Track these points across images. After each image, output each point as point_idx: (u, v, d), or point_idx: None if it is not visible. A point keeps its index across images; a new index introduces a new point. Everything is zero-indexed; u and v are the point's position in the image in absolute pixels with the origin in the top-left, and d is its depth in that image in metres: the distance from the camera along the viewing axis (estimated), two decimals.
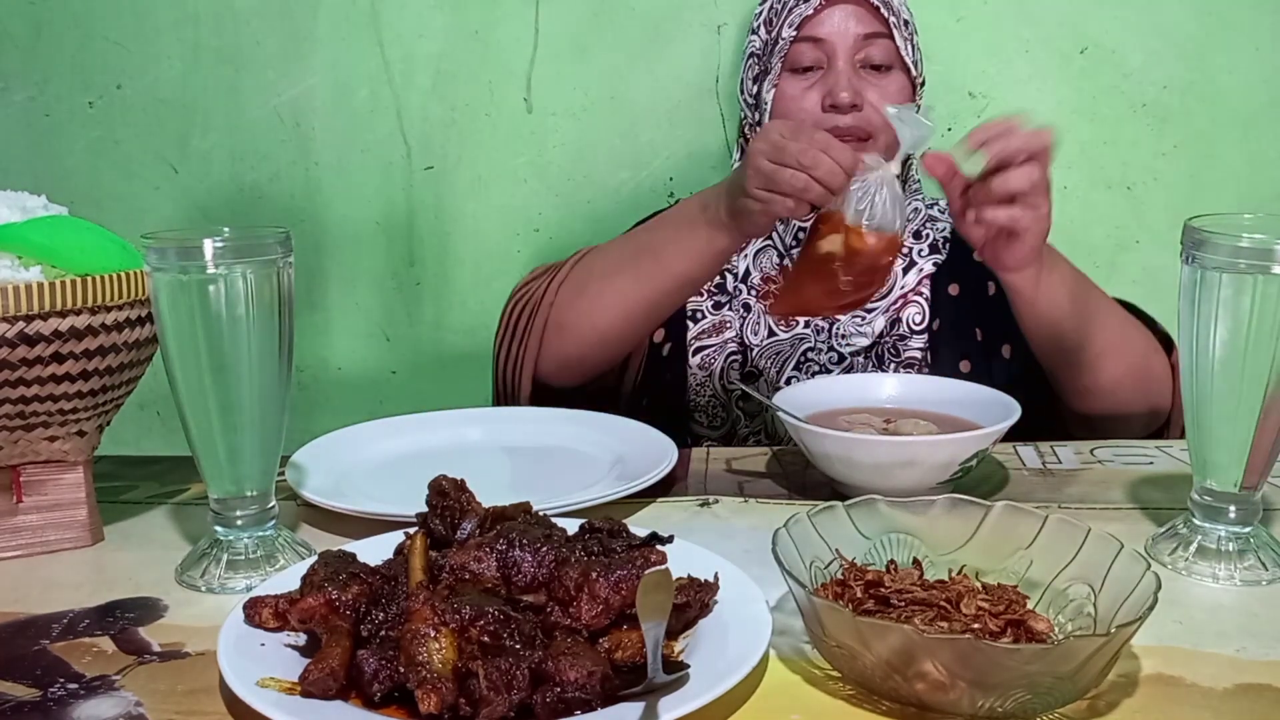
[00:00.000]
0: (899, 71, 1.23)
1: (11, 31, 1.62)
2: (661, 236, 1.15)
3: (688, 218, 1.13)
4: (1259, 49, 1.50)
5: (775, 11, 1.25)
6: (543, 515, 0.74)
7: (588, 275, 1.20)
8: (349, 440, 1.08)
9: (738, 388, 1.28)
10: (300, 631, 0.67)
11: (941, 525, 0.75)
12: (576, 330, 1.19)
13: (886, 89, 1.22)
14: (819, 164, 0.97)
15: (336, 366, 1.69)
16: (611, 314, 1.17)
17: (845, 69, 1.20)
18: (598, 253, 1.22)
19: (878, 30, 1.21)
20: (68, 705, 0.66)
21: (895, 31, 1.21)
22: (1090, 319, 1.09)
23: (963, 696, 0.60)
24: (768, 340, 1.28)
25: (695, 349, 1.30)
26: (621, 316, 1.17)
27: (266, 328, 0.79)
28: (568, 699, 0.59)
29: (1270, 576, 0.79)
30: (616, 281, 1.17)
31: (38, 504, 0.88)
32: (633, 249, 1.19)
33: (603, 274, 1.18)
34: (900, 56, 1.22)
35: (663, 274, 1.14)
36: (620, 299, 1.17)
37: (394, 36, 1.58)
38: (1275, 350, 0.75)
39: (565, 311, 1.19)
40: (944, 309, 1.27)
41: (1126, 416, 1.16)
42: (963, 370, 1.24)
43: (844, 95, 1.19)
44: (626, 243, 1.21)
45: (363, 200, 1.63)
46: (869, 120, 1.21)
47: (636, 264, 1.16)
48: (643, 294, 1.16)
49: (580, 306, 1.18)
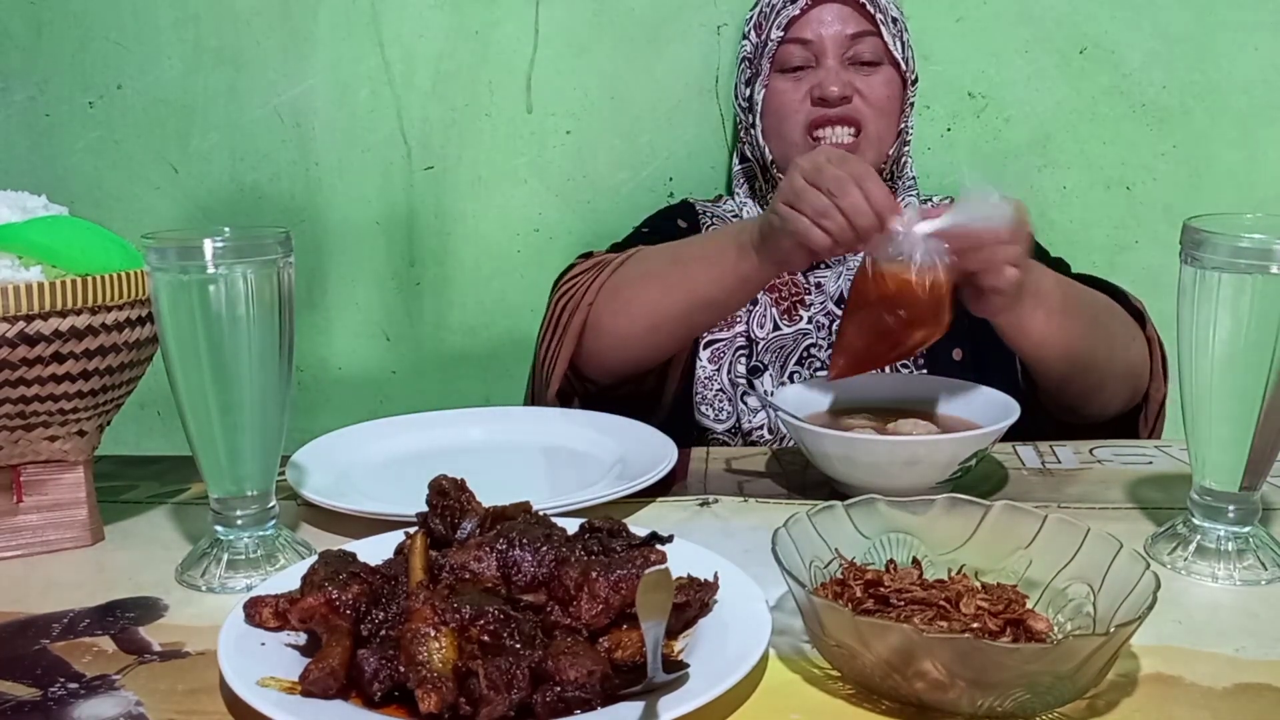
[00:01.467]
0: (889, 66, 1.23)
1: (11, 31, 1.62)
2: (696, 252, 1.13)
3: (724, 238, 1.10)
4: (1259, 49, 1.50)
5: (764, 14, 1.26)
6: (543, 515, 0.74)
7: (625, 280, 1.17)
8: (349, 440, 1.08)
9: (743, 382, 1.28)
10: (300, 631, 0.67)
11: (941, 525, 0.75)
12: (608, 334, 1.17)
13: (874, 83, 1.22)
14: (846, 192, 0.93)
15: (336, 366, 1.69)
16: (640, 324, 1.15)
17: (834, 65, 1.21)
18: (641, 257, 1.19)
19: (865, 29, 1.21)
20: (68, 705, 0.66)
21: (883, 28, 1.21)
22: (1084, 350, 1.07)
23: (962, 696, 0.60)
24: (773, 334, 1.28)
25: (707, 342, 1.30)
26: (648, 328, 1.15)
27: (267, 328, 0.79)
28: (568, 698, 0.59)
29: (1269, 576, 0.79)
30: (648, 291, 1.14)
31: (38, 504, 0.88)
32: (669, 260, 1.16)
33: (638, 280, 1.16)
34: (889, 52, 1.22)
35: (689, 292, 1.11)
36: (648, 310, 1.14)
37: (394, 36, 1.58)
38: (1274, 350, 0.75)
39: (601, 313, 1.17)
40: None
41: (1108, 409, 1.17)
42: (955, 358, 1.25)
43: (833, 89, 1.19)
44: (666, 252, 1.18)
45: (363, 200, 1.63)
46: (858, 110, 1.21)
47: (668, 277, 1.13)
48: (669, 309, 1.13)
49: (614, 309, 1.16)
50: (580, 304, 1.18)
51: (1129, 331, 1.14)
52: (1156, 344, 1.16)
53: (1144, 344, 1.15)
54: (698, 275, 1.10)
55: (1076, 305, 1.07)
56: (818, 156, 0.97)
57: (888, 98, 1.25)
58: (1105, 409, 1.16)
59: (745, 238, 1.05)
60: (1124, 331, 1.13)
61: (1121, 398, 1.15)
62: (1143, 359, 1.15)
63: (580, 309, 1.18)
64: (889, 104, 1.25)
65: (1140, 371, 1.15)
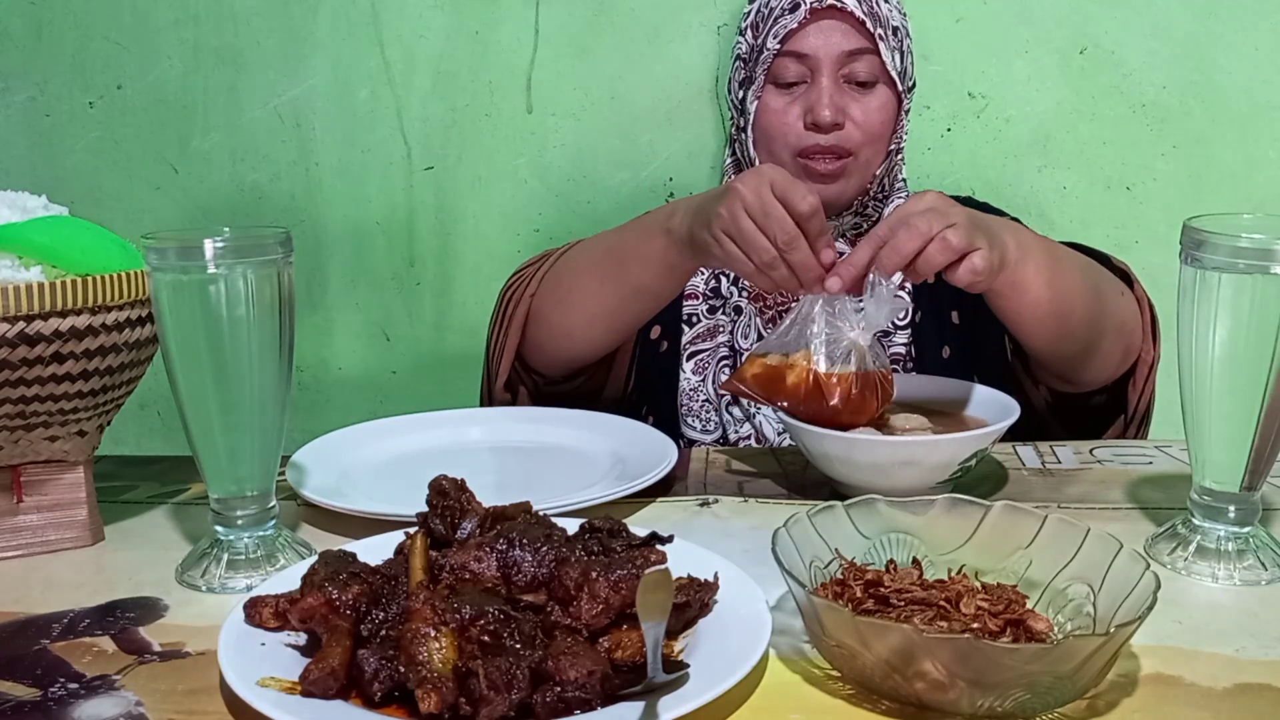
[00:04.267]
0: (884, 86, 1.22)
1: (11, 31, 1.62)
2: (628, 240, 1.12)
3: (654, 225, 1.08)
4: (1259, 49, 1.50)
5: (761, 17, 1.24)
6: (543, 515, 0.74)
7: (564, 269, 1.17)
8: (349, 440, 1.08)
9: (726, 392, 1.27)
10: (300, 631, 0.67)
11: (941, 525, 0.75)
12: (550, 324, 1.17)
13: (869, 106, 1.21)
14: (794, 248, 0.92)
15: (337, 366, 1.69)
16: (578, 314, 1.15)
17: (829, 85, 1.19)
18: (580, 248, 1.19)
19: (863, 46, 1.19)
20: (68, 705, 0.66)
21: (881, 44, 1.19)
22: (1079, 300, 1.05)
23: (962, 696, 0.60)
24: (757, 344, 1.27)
25: (690, 353, 1.29)
26: (586, 319, 1.15)
27: (267, 328, 0.79)
28: (568, 699, 0.59)
29: (1269, 576, 0.79)
30: (585, 281, 1.14)
31: (38, 504, 0.88)
32: (603, 250, 1.15)
33: (576, 270, 1.16)
34: (886, 71, 1.21)
35: (623, 280, 1.11)
36: (586, 300, 1.14)
37: (394, 36, 1.58)
38: (1274, 350, 0.75)
39: (542, 303, 1.17)
40: (923, 299, 1.27)
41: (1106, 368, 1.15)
42: (943, 356, 1.24)
43: (825, 114, 1.18)
44: (600, 241, 1.17)
45: (363, 200, 1.63)
46: (849, 138, 1.20)
47: (603, 266, 1.13)
48: (606, 298, 1.13)
49: (555, 300, 1.16)
50: (524, 295, 1.19)
51: (1116, 286, 1.13)
52: (1146, 304, 1.14)
53: (1133, 301, 1.14)
54: (632, 265, 1.09)
55: (1064, 257, 1.06)
56: (763, 189, 0.93)
57: (881, 122, 1.22)
58: (1100, 372, 1.14)
59: (676, 227, 1.04)
60: (1111, 285, 1.12)
61: (1115, 358, 1.13)
62: (1134, 314, 1.13)
63: (524, 300, 1.18)
64: (882, 128, 1.22)
65: (1132, 327, 1.13)
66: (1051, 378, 1.17)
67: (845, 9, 1.18)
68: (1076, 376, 1.15)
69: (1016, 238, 0.98)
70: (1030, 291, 1.01)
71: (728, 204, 0.94)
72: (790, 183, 0.93)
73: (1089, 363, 1.13)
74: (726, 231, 0.95)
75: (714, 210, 0.96)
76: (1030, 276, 1.00)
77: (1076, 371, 1.14)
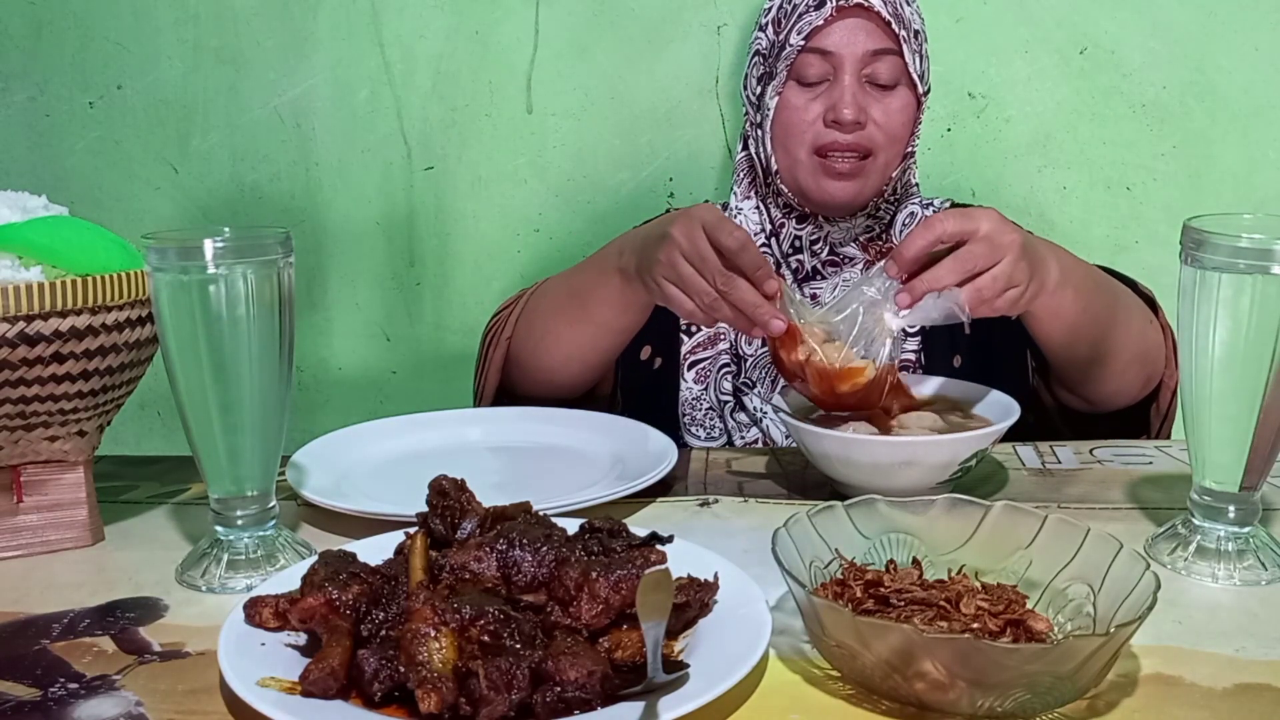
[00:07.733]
0: (905, 88, 1.21)
1: (11, 31, 1.62)
2: (586, 280, 1.13)
3: (608, 265, 1.10)
4: (1259, 49, 1.50)
5: (784, 13, 1.23)
6: (543, 515, 0.74)
7: (534, 314, 1.19)
8: (349, 440, 1.08)
9: (731, 399, 1.27)
10: (300, 631, 0.67)
11: (941, 525, 0.75)
12: (528, 366, 1.20)
13: (890, 107, 1.21)
14: (733, 287, 0.93)
15: (336, 366, 1.69)
16: (554, 355, 1.17)
17: (851, 84, 1.19)
18: (543, 292, 1.21)
19: (887, 46, 1.18)
20: (68, 705, 0.66)
21: (905, 45, 1.19)
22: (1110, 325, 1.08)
23: (962, 696, 0.60)
24: (761, 350, 1.27)
25: (691, 363, 1.29)
26: (563, 359, 1.17)
27: (267, 328, 0.79)
28: (568, 699, 0.59)
29: (1269, 576, 0.79)
30: (554, 324, 1.16)
31: (38, 504, 0.88)
32: (566, 291, 1.17)
33: (545, 313, 1.18)
34: (908, 73, 1.21)
35: (588, 320, 1.13)
36: (560, 341, 1.16)
37: (394, 36, 1.58)
38: (1274, 350, 0.75)
39: (519, 348, 1.20)
40: None
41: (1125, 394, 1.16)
42: (955, 365, 1.24)
43: (847, 112, 1.17)
44: (562, 283, 1.19)
45: (363, 200, 1.63)
46: (870, 138, 1.20)
47: (568, 308, 1.15)
48: (577, 338, 1.15)
49: (530, 344, 1.19)
50: (500, 339, 1.21)
51: (1145, 314, 1.15)
52: (1169, 332, 1.16)
53: (1159, 330, 1.15)
54: (595, 305, 1.12)
55: (1103, 284, 1.09)
56: (694, 232, 0.95)
57: (901, 124, 1.22)
58: (1121, 397, 1.15)
59: (625, 265, 1.06)
60: (1141, 314, 1.14)
61: (1137, 385, 1.15)
62: (1158, 344, 1.15)
63: (501, 343, 1.21)
64: (902, 130, 1.22)
65: (1156, 355, 1.15)
66: (1071, 398, 1.18)
67: (871, 8, 1.18)
68: (1097, 399, 1.17)
69: (1060, 263, 1.00)
70: (1066, 317, 1.03)
71: (665, 251, 0.97)
72: (719, 221, 0.95)
73: (1111, 386, 1.14)
74: (667, 278, 0.98)
75: (654, 257, 0.98)
76: (1068, 304, 1.02)
77: (1098, 394, 1.16)
